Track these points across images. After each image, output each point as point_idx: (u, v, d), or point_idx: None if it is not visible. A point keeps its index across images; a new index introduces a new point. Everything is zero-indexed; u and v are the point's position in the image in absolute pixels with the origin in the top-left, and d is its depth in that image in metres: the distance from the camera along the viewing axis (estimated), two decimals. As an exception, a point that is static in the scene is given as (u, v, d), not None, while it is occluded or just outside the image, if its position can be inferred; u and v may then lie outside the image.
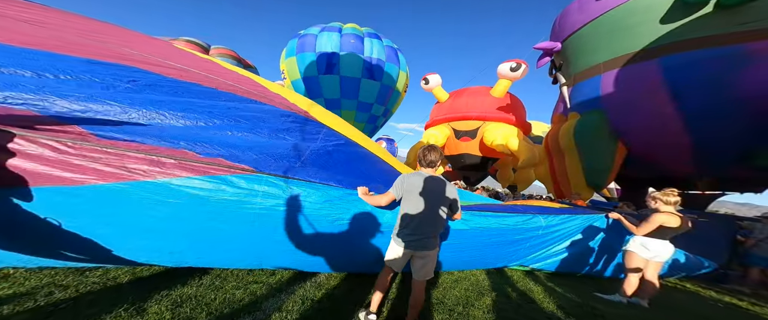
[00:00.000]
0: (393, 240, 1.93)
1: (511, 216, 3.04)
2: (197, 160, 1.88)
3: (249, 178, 1.98)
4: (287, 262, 2.45)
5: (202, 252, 2.21)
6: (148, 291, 2.05)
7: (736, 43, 4.61)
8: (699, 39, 4.91)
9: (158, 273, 2.38)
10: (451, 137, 10.21)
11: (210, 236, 2.08)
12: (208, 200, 1.89)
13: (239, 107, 2.55)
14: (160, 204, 1.81)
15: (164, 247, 2.08)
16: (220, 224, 2.00)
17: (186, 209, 1.87)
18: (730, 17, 4.71)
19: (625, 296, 2.99)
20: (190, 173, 1.84)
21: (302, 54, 12.45)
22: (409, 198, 1.87)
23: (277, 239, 2.14)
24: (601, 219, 3.48)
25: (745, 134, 4.73)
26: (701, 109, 4.87)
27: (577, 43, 6.89)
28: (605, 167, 6.24)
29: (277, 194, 2.04)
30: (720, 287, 4.37)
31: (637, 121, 5.68)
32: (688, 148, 5.34)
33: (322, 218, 2.17)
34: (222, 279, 2.42)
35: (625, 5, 5.75)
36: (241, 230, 2.06)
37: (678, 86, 5.03)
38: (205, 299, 2.05)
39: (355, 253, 2.48)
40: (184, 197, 1.83)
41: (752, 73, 4.34)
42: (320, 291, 2.46)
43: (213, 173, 1.89)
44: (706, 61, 4.77)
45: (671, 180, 6.70)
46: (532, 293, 2.95)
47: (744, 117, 4.54)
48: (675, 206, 2.90)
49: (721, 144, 5.02)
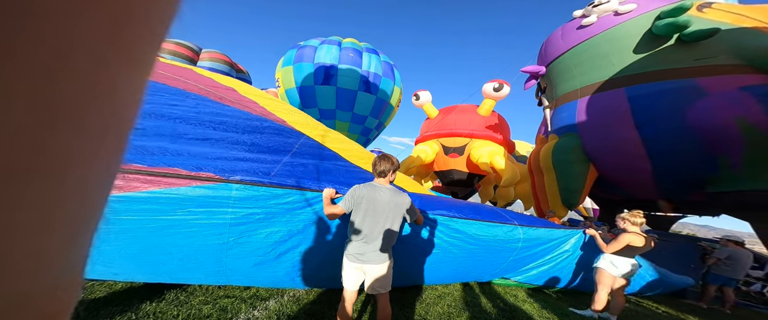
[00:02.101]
0: (345, 258, 1.86)
1: (489, 226, 2.97)
2: (151, 171, 1.75)
3: (215, 187, 1.87)
4: (259, 279, 2.32)
5: (154, 269, 2.05)
6: (99, 308, 1.93)
7: (690, 77, 5.33)
8: (661, 71, 5.63)
9: (113, 286, 2.24)
10: (440, 152, 10.77)
11: (165, 253, 1.95)
12: (163, 213, 1.78)
13: (206, 109, 2.41)
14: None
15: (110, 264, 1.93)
16: (178, 239, 1.89)
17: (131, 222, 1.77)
18: (688, 52, 5.44)
19: (596, 311, 3.19)
20: (151, 187, 1.73)
21: (300, 64, 13.03)
22: (359, 211, 1.82)
23: (247, 252, 2.07)
24: (580, 235, 3.64)
25: (697, 163, 5.39)
26: (660, 137, 5.53)
27: (559, 69, 7.65)
28: (578, 188, 6.83)
29: (249, 204, 1.96)
30: (680, 302, 4.86)
31: (605, 146, 6.33)
32: (650, 173, 5.98)
33: (300, 222, 2.11)
34: (188, 293, 2.27)
35: (600, 34, 6.55)
36: (204, 244, 1.96)
37: (640, 115, 5.71)
38: (166, 316, 1.91)
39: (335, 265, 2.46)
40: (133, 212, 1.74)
41: (700, 106, 5.03)
42: (298, 305, 2.35)
43: (171, 185, 1.78)
44: (665, 92, 5.47)
45: (638, 202, 7.35)
46: (513, 309, 3.05)
47: (695, 146, 5.21)
48: (641, 227, 3.16)
49: (678, 171, 5.66)
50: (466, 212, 2.86)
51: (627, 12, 6.24)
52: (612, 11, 6.46)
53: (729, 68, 5.07)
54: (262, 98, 3.14)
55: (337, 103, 13.12)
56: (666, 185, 6.06)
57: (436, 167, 11.28)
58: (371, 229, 1.80)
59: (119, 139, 0.18)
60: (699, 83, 5.21)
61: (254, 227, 2.04)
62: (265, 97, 3.23)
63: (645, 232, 3.38)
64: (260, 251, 2.14)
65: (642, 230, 3.23)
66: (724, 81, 4.94)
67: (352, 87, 12.92)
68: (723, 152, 4.93)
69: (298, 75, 13.08)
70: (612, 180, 6.85)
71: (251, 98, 3.03)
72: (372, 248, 1.80)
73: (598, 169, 6.81)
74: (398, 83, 14.58)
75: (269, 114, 2.84)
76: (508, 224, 3.07)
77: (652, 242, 3.15)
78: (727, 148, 4.84)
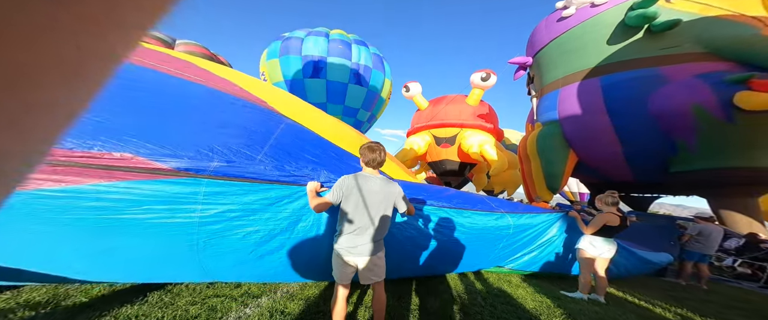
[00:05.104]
0: (336, 251, 1.85)
1: (480, 215, 3.09)
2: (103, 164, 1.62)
3: (184, 182, 1.76)
4: (246, 276, 2.27)
5: (125, 269, 1.98)
6: (75, 313, 1.87)
7: (655, 66, 5.98)
8: (631, 61, 6.29)
9: (90, 291, 2.16)
10: (432, 143, 11.35)
11: (131, 252, 1.86)
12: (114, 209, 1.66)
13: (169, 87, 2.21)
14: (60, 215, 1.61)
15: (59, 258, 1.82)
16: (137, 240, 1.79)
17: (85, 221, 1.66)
18: (656, 42, 6.07)
19: (585, 293, 3.37)
20: (99, 180, 1.61)
21: (286, 57, 13.18)
22: (349, 202, 1.81)
23: (222, 253, 1.99)
24: (563, 217, 3.83)
25: (660, 146, 6.11)
26: (628, 123, 6.24)
27: (544, 59, 8.29)
28: (558, 172, 7.55)
29: (224, 198, 1.86)
30: (660, 280, 5.20)
31: (582, 132, 7.03)
32: (622, 157, 6.71)
33: (286, 222, 2.06)
34: (173, 294, 2.22)
35: (579, 25, 7.15)
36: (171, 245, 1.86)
37: (612, 103, 6.39)
38: (150, 318, 1.87)
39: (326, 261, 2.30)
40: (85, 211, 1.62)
41: (660, 93, 5.72)
42: (292, 301, 2.32)
43: (128, 178, 1.66)
44: (633, 81, 6.15)
45: (618, 185, 8.12)
46: (507, 294, 3.16)
47: (657, 131, 5.91)
48: (615, 207, 3.34)
49: (645, 154, 6.40)
50: (455, 202, 2.96)
51: (602, 3, 6.82)
52: (588, 2, 7.02)
53: (691, 56, 5.74)
54: (240, 79, 2.96)
55: (328, 96, 13.46)
56: (637, 168, 6.80)
57: (428, 158, 11.89)
58: (363, 221, 1.81)
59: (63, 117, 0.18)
60: (662, 72, 5.87)
61: (229, 227, 1.93)
62: (243, 78, 3.07)
63: (626, 213, 3.69)
64: (240, 252, 2.06)
65: (619, 211, 3.39)
66: (683, 69, 5.61)
67: (342, 80, 13.25)
68: (680, 136, 5.64)
69: (285, 68, 13.23)
70: (590, 165, 7.57)
71: (229, 78, 2.86)
72: (364, 240, 1.82)
73: (578, 154, 7.52)
74: (388, 74, 15.03)
75: (248, 95, 2.67)
76: (495, 212, 3.24)
77: (628, 221, 3.35)
78: (684, 132, 5.54)
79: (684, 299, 4.11)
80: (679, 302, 3.91)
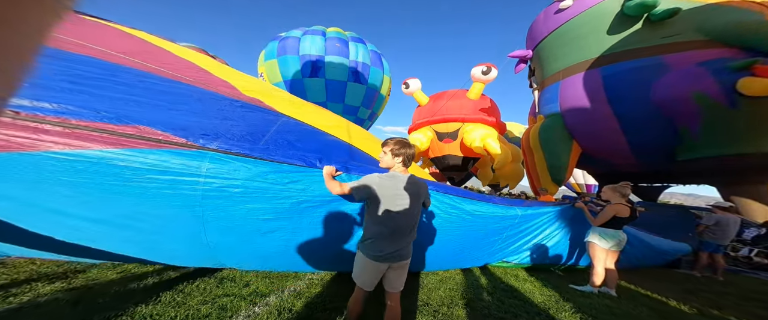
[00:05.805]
0: (362, 255, 1.74)
1: (486, 204, 3.12)
2: (118, 131, 1.70)
3: (188, 154, 1.81)
4: (249, 260, 2.35)
5: (113, 239, 2.04)
6: (91, 313, 1.95)
7: (657, 55, 5.97)
8: (632, 50, 6.27)
9: (104, 291, 2.27)
10: (434, 139, 11.41)
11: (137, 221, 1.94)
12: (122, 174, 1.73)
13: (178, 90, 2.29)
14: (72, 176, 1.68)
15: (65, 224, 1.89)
16: (146, 207, 1.85)
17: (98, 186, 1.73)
18: (656, 31, 6.05)
19: (595, 286, 3.33)
20: (106, 146, 1.67)
21: (284, 57, 13.29)
22: (379, 205, 1.70)
23: (226, 228, 2.05)
24: (569, 209, 3.82)
25: (665, 134, 6.12)
26: (631, 113, 6.24)
27: (544, 52, 8.27)
28: (563, 164, 7.58)
29: (227, 173, 1.91)
30: (674, 272, 5.11)
31: (584, 123, 7.05)
32: (627, 147, 6.72)
33: (289, 202, 2.08)
34: (185, 294, 2.32)
35: (578, 16, 7.13)
36: (176, 215, 1.93)
37: (613, 93, 6.39)
38: (164, 318, 1.95)
39: (331, 245, 2.37)
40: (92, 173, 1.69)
41: (663, 82, 5.72)
42: (299, 300, 2.38)
43: (133, 146, 1.73)
44: (634, 70, 6.14)
45: (624, 175, 8.14)
46: (514, 288, 3.15)
47: (661, 119, 5.91)
48: (625, 198, 3.30)
49: (650, 143, 6.41)
50: (461, 193, 2.99)
51: (599, -7, 6.76)
52: (586, -7, 6.97)
53: (694, 44, 5.72)
54: (240, 79, 3.05)
55: (328, 95, 13.56)
56: (642, 156, 6.82)
57: (431, 154, 11.96)
58: (397, 226, 1.72)
59: None
60: (665, 60, 5.87)
61: (232, 203, 1.99)
62: (244, 78, 3.16)
63: (636, 203, 3.67)
64: (244, 228, 2.12)
65: (628, 201, 3.36)
66: (685, 57, 5.59)
67: (341, 78, 13.33)
68: (683, 123, 5.65)
69: (284, 68, 13.37)
70: (594, 156, 7.59)
71: (229, 79, 2.96)
72: (397, 246, 1.72)
73: (581, 145, 7.54)
74: (387, 71, 15.05)
75: (249, 98, 2.73)
76: (502, 205, 3.30)
77: (637, 212, 3.33)
78: (687, 118, 5.55)
79: (699, 291, 4.00)
80: (695, 294, 3.79)
